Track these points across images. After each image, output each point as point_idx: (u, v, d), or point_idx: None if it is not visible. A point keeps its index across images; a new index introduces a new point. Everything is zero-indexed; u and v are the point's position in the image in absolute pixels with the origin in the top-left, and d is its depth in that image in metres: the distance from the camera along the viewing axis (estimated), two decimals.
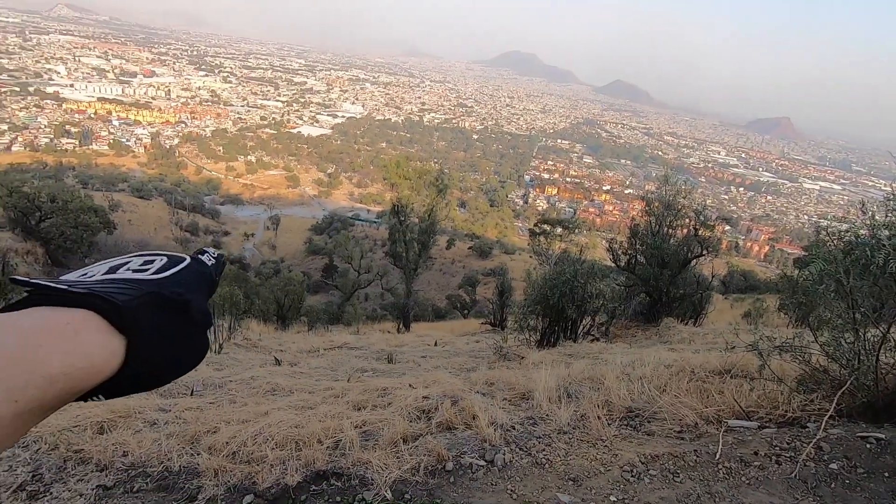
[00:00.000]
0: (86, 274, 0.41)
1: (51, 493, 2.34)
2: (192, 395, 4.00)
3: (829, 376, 2.82)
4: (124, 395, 0.38)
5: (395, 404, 3.35)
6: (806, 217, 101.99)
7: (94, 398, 0.36)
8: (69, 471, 2.51)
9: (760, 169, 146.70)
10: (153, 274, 0.42)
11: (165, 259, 0.45)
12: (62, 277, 0.40)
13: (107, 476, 2.48)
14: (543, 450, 2.67)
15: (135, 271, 0.42)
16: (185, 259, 0.45)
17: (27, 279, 0.37)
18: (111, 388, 0.36)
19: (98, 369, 0.34)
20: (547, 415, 3.11)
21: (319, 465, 2.51)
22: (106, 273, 0.41)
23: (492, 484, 2.39)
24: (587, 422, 2.94)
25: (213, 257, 0.51)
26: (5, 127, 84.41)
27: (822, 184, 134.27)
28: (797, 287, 2.95)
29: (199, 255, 0.50)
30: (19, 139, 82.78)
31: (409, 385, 3.94)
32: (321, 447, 2.67)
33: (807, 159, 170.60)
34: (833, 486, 2.18)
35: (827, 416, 2.51)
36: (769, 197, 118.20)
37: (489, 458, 2.59)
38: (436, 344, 8.90)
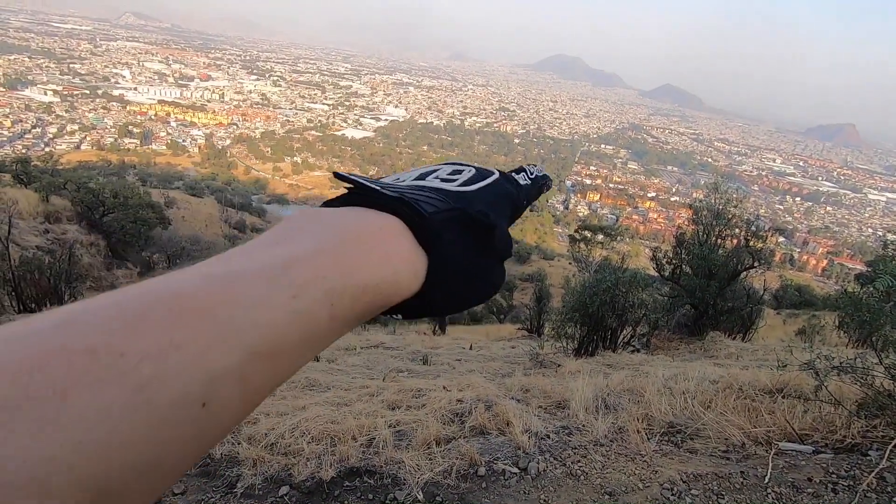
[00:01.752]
0: (398, 178, 0.39)
1: None
2: None
3: (895, 401, 2.61)
4: (408, 317, 0.35)
5: (429, 406, 3.35)
6: (870, 230, 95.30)
7: (394, 316, 0.34)
8: None
9: (820, 178, 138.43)
10: (460, 186, 0.38)
11: (474, 171, 0.41)
12: (380, 179, 0.38)
13: None
14: (579, 461, 2.60)
15: (442, 180, 0.38)
16: (493, 174, 0.41)
17: (346, 174, 0.36)
18: (407, 309, 0.34)
19: (400, 288, 0.32)
20: (583, 425, 3.04)
21: (353, 461, 2.54)
22: (416, 179, 0.39)
23: (524, 492, 2.35)
24: (625, 435, 2.84)
25: (530, 178, 0.46)
26: (76, 127, 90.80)
27: (890, 195, 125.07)
28: (861, 304, 2.76)
29: (515, 174, 0.45)
30: (87, 139, 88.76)
31: (444, 387, 3.94)
32: (355, 444, 2.70)
33: (873, 168, 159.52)
34: None
35: (892, 445, 2.32)
36: (829, 208, 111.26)
37: (522, 465, 2.55)
38: (471, 347, 8.87)
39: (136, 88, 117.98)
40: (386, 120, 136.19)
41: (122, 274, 16.24)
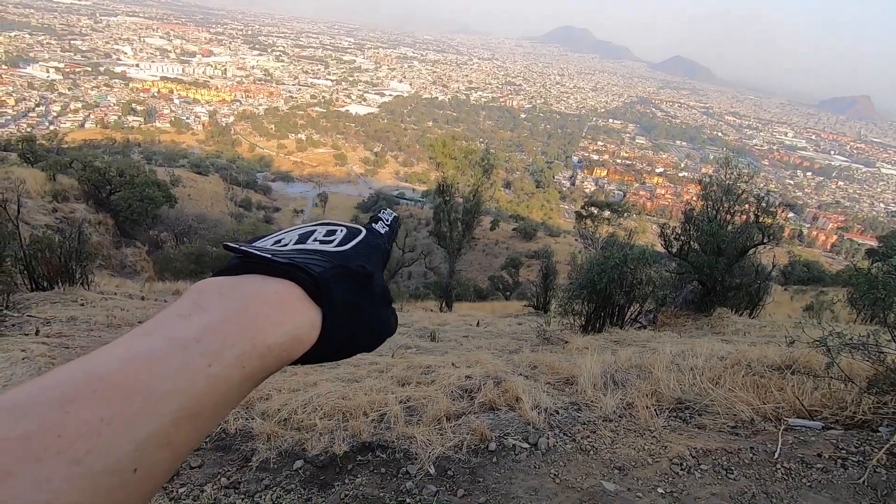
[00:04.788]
0: (280, 241, 0.44)
1: None
2: None
3: None
4: (313, 363, 0.39)
5: (439, 382, 3.39)
6: (882, 205, 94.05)
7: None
8: None
9: (832, 152, 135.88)
10: (337, 246, 0.43)
11: (345, 231, 0.46)
12: (258, 244, 0.43)
13: None
14: (588, 436, 2.63)
15: (321, 242, 0.43)
16: (361, 231, 0.47)
17: (237, 246, 0.40)
18: (304, 358, 0.38)
19: (302, 341, 0.36)
20: (592, 401, 3.06)
21: (365, 436, 2.58)
22: (297, 242, 0.43)
23: (535, 467, 2.39)
24: (634, 411, 2.86)
25: (387, 224, 0.52)
26: (79, 105, 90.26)
27: None
28: (875, 281, 2.72)
29: (373, 224, 0.50)
30: (91, 117, 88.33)
31: (452, 364, 3.97)
32: (367, 419, 2.74)
33: (887, 142, 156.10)
34: None
35: None
36: (840, 182, 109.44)
37: (532, 440, 2.58)
38: (478, 324, 8.92)
39: (138, 65, 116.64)
40: (390, 95, 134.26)
41: (130, 252, 16.37)
